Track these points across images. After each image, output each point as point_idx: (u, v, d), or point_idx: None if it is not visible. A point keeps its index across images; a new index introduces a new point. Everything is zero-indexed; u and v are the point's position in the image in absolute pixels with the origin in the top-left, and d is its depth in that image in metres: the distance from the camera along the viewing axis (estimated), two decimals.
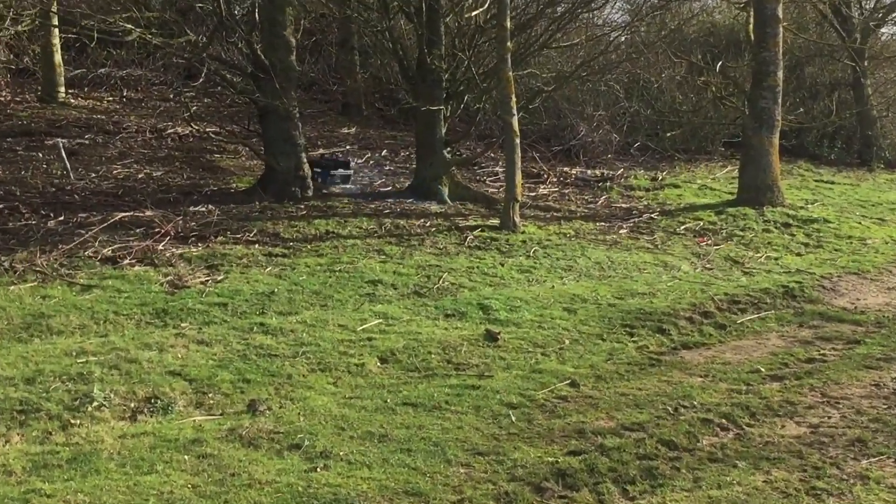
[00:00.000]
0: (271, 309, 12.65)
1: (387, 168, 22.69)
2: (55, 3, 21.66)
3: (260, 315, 12.41)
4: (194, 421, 9.46)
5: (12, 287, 12.93)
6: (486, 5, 19.28)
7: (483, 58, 20.90)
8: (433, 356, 11.38)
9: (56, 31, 24.64)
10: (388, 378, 10.78)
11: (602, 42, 24.18)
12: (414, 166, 21.17)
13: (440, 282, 14.25)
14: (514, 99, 18.06)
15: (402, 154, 24.09)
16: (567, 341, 12.24)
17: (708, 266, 16.59)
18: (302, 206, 17.95)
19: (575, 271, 15.67)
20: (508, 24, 18.07)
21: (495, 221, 18.04)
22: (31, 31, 24.03)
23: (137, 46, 27.48)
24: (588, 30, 26.49)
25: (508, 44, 18.07)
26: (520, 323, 12.75)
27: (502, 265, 15.54)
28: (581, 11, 22.35)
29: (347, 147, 24.21)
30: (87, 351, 10.81)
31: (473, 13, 19.41)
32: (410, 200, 19.22)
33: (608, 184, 22.76)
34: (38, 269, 13.64)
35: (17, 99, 26.23)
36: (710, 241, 18.29)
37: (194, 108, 25.16)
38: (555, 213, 19.65)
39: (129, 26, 16.29)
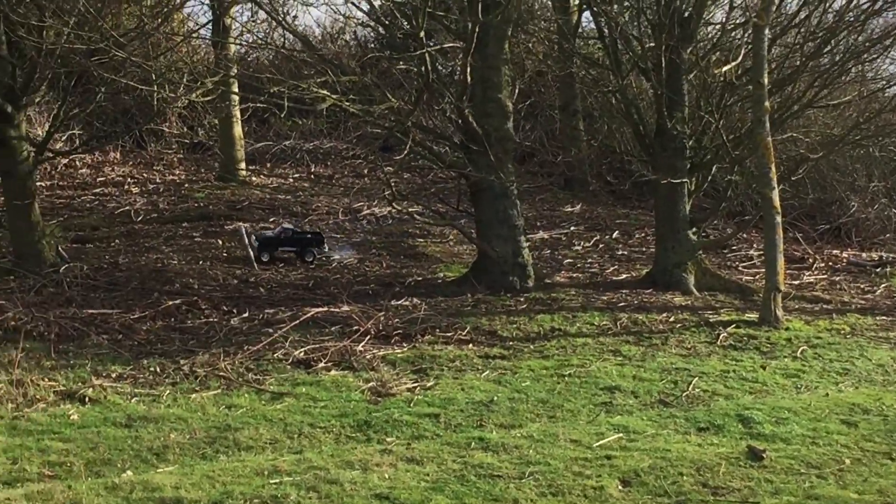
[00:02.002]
0: (491, 421, 12.71)
1: (619, 252, 22.72)
2: (234, 68, 22.55)
3: (478, 428, 12.48)
4: None
5: (194, 395, 13.34)
6: (740, 59, 19.21)
7: (734, 121, 20.81)
8: (685, 478, 11.24)
9: (236, 100, 25.59)
10: None
11: (877, 99, 23.81)
12: (652, 250, 21.13)
13: (690, 388, 14.12)
14: (773, 169, 17.88)
15: (637, 236, 24.10)
16: (847, 461, 11.95)
17: None
18: (521, 299, 18.09)
19: (853, 375, 15.34)
20: (765, 80, 17.96)
21: (753, 316, 17.82)
22: (207, 101, 24.96)
23: (326, 115, 28.32)
24: (861, 85, 26.11)
25: (766, 103, 17.95)
26: (788, 438, 12.51)
27: (764, 368, 15.31)
28: (852, 64, 22.06)
29: (572, 228, 24.33)
30: (281, 470, 11.03)
31: (724, 68, 19.36)
32: (649, 291, 19.17)
33: (888, 269, 22.27)
34: (221, 373, 14.06)
35: (193, 178, 27.27)
36: None
37: (394, 184, 25.67)
38: (824, 306, 19.31)
39: (324, 93, 16.81)
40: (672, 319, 17.47)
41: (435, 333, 16.02)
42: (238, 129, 26.73)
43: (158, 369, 14.36)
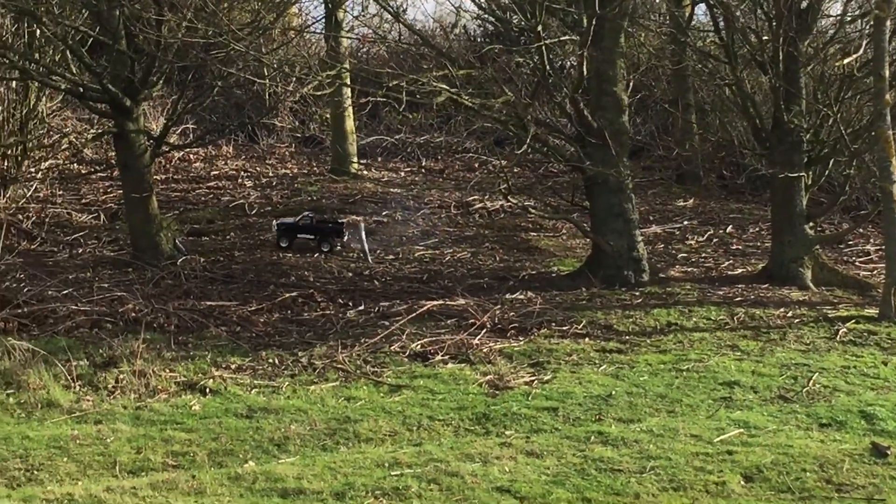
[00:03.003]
0: (609, 415, 12.69)
1: (733, 247, 22.53)
2: (347, 62, 22.71)
3: (596, 422, 12.47)
4: None
5: (313, 387, 13.48)
6: (861, 51, 18.95)
7: (851, 114, 20.53)
8: (808, 474, 11.14)
9: (348, 94, 25.75)
10: (754, 499, 10.62)
11: None
12: (767, 245, 20.93)
13: (810, 384, 13.97)
14: (893, 163, 17.62)
15: (751, 230, 23.89)
16: None
17: None
18: (637, 293, 18.01)
19: None
20: (887, 72, 17.70)
21: (872, 311, 17.58)
22: (318, 96, 25.15)
23: (437, 109, 28.40)
24: None
25: (887, 96, 17.70)
26: None
27: (885, 364, 15.11)
28: None
29: (685, 222, 24.18)
30: (401, 462, 11.12)
31: (844, 61, 19.10)
32: (766, 286, 18.97)
33: None
34: (339, 366, 14.18)
35: (305, 171, 27.47)
36: None
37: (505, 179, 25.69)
38: None
39: (443, 86, 16.86)
40: (790, 314, 17.28)
41: (551, 327, 16.01)
42: (350, 124, 26.88)
43: (277, 361, 14.52)
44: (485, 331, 15.70)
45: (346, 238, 20.88)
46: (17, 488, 10.77)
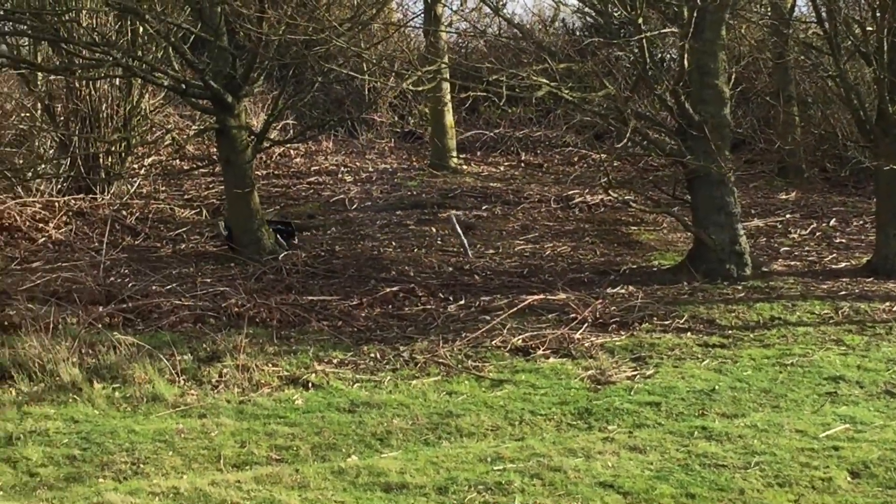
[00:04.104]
0: (713, 410, 12.61)
1: (837, 241, 22.25)
2: (446, 57, 22.75)
3: (700, 417, 12.39)
4: None
5: (414, 381, 13.54)
6: None
7: None
8: None
9: (447, 88, 25.82)
10: (861, 496, 10.48)
11: None
12: (871, 238, 20.66)
13: None
14: None
15: (855, 224, 23.58)
16: None
17: None
18: (739, 287, 17.86)
19: None
20: None
21: None
22: (418, 91, 25.23)
23: (536, 103, 28.39)
24: None
25: None
26: None
27: None
28: None
29: (787, 216, 23.94)
30: (504, 457, 11.13)
31: None
32: (870, 280, 18.71)
33: None
34: (441, 360, 14.22)
35: (405, 166, 27.58)
36: None
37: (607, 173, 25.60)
38: None
39: (543, 80, 16.84)
40: (895, 309, 17.06)
41: (652, 321, 15.93)
42: (450, 118, 26.93)
43: (378, 355, 14.59)
44: (586, 325, 15.65)
45: (296, 241, 20.92)
46: (123, 481, 10.92)
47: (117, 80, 23.27)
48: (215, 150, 23.57)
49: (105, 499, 10.38)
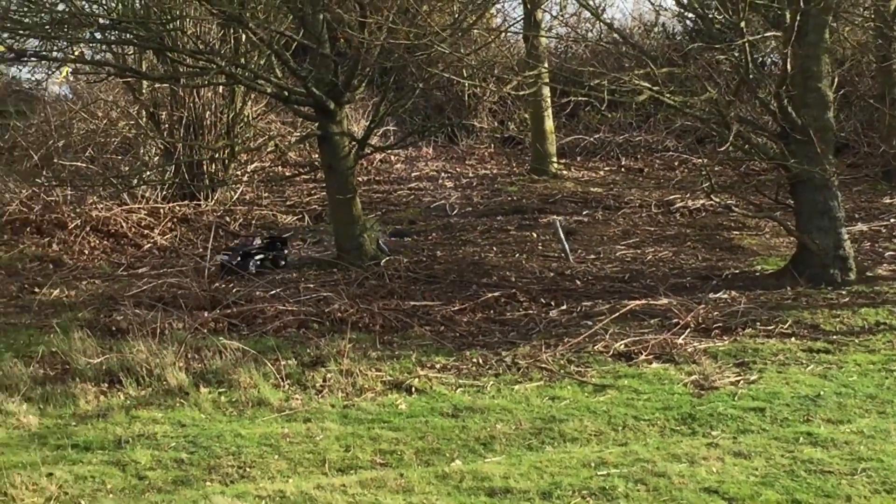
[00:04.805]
0: (818, 415, 12.49)
1: None
2: (545, 62, 22.77)
3: (805, 423, 12.28)
4: None
5: (517, 386, 13.56)
6: None
7: None
8: None
9: (548, 93, 25.82)
10: None
11: None
12: None
13: None
14: None
15: None
16: None
17: None
18: (843, 292, 17.66)
19: None
20: None
21: None
22: (518, 96, 25.26)
23: (635, 108, 28.31)
24: None
25: None
26: None
27: None
28: None
29: (892, 220, 23.64)
30: (608, 462, 11.12)
31: None
32: None
33: None
34: (543, 365, 14.23)
35: (505, 172, 27.64)
36: None
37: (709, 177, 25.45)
38: None
39: (645, 85, 16.80)
40: None
41: (756, 327, 15.81)
42: (549, 123, 26.95)
43: (481, 360, 14.62)
44: (689, 330, 15.57)
45: (287, 256, 20.68)
46: (230, 485, 11.05)
47: (221, 87, 23.54)
48: (317, 156, 23.79)
49: (213, 502, 10.51)
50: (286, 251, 20.64)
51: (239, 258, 19.84)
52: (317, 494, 10.59)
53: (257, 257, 20.04)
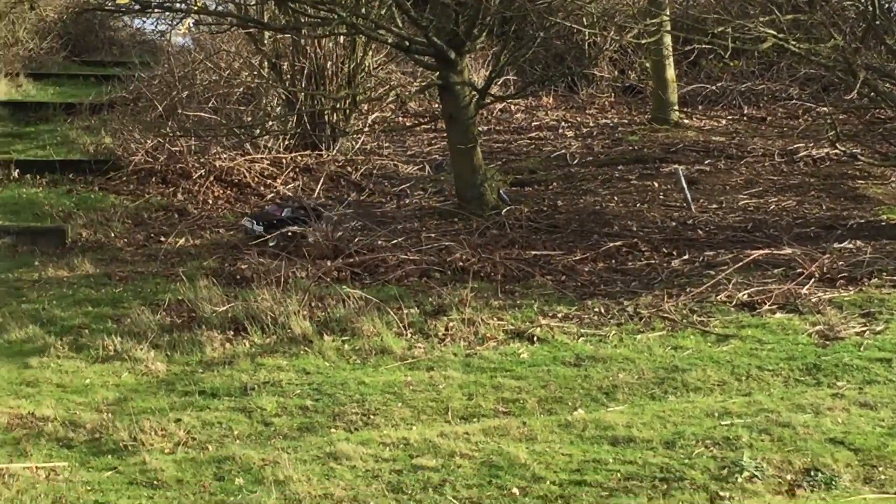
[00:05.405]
0: None
1: None
2: (667, 10, 22.55)
3: None
4: (864, 500, 9.42)
5: (639, 336, 13.54)
6: None
7: None
8: None
9: (669, 42, 25.57)
10: None
11: None
12: None
13: None
14: None
15: None
16: None
17: None
18: None
19: None
20: None
21: None
22: (639, 44, 25.04)
23: (758, 56, 27.92)
24: None
25: None
26: None
27: None
28: None
29: None
30: (731, 412, 11.10)
31: None
32: None
33: None
34: (665, 315, 14.18)
35: (625, 121, 27.43)
36: None
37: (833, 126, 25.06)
38: None
39: (770, 32, 16.57)
40: None
41: (882, 277, 15.55)
42: (671, 72, 26.60)
43: (602, 310, 14.60)
44: (813, 280, 15.38)
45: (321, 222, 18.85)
46: (354, 432, 11.21)
47: (342, 37, 23.61)
48: (437, 106, 23.78)
49: (338, 448, 10.66)
50: (311, 227, 18.45)
51: (262, 227, 18.73)
52: (440, 442, 10.70)
53: (281, 230, 18.43)
